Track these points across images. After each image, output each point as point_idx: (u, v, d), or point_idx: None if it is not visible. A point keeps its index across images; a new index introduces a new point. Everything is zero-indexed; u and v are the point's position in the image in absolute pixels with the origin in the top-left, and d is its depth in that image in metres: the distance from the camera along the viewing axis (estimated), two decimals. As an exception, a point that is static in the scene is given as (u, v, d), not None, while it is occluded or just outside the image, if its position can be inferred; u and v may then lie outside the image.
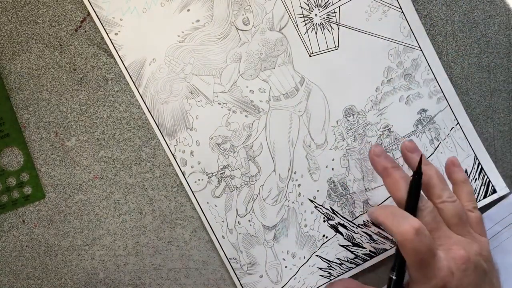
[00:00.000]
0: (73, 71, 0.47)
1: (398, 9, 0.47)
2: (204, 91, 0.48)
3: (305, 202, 0.49)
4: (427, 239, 0.37)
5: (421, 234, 0.37)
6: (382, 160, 0.43)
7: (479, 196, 0.49)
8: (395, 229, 0.38)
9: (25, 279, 0.49)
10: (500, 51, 0.48)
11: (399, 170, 0.42)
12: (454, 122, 0.49)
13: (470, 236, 0.40)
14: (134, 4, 0.46)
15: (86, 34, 0.47)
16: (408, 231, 0.37)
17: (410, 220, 0.37)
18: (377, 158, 0.43)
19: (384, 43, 0.48)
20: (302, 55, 0.47)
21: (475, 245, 0.40)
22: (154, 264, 0.49)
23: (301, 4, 0.47)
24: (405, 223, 0.37)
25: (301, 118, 0.48)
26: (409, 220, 0.37)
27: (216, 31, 0.47)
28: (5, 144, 0.47)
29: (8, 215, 0.48)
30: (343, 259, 0.50)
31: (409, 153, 0.44)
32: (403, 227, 0.37)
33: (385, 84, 0.48)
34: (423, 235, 0.37)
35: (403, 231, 0.37)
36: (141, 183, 0.49)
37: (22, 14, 0.47)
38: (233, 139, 0.48)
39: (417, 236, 0.37)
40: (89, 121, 0.48)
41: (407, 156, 0.44)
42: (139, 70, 0.47)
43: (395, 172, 0.42)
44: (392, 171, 0.42)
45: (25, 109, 0.48)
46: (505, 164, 0.50)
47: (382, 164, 0.43)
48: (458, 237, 0.40)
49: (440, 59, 0.48)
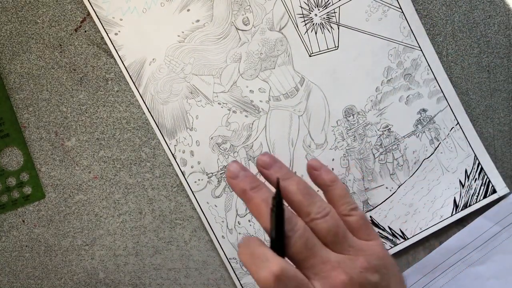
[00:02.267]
0: (73, 71, 0.48)
1: (398, 9, 0.47)
2: (204, 91, 0.48)
3: (305, 202, 0.49)
4: (291, 282, 0.31)
5: (282, 280, 0.31)
6: (240, 181, 0.35)
7: (479, 196, 0.49)
8: (254, 275, 0.32)
9: (25, 279, 0.49)
10: (500, 51, 0.48)
11: (261, 191, 0.35)
12: (454, 122, 0.49)
13: (353, 250, 0.35)
14: (134, 4, 0.46)
15: (86, 34, 0.47)
16: (267, 280, 0.31)
17: (269, 264, 0.31)
18: (233, 180, 0.36)
19: (384, 43, 0.48)
20: (302, 55, 0.47)
21: (359, 260, 0.34)
22: (154, 264, 0.49)
23: (301, 4, 0.47)
24: (264, 269, 0.31)
25: (301, 118, 0.48)
26: (268, 265, 0.31)
27: (216, 31, 0.47)
28: (5, 144, 0.47)
29: (8, 215, 0.48)
30: (343, 259, 0.50)
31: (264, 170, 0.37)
32: (261, 274, 0.31)
33: (385, 84, 0.48)
34: (285, 280, 0.31)
35: (262, 279, 0.31)
36: (141, 183, 0.49)
37: (22, 14, 0.47)
38: (233, 139, 0.48)
39: (278, 284, 0.31)
40: (89, 121, 0.48)
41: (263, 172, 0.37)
42: (139, 70, 0.47)
43: (255, 195, 0.35)
44: (251, 194, 0.35)
45: (25, 109, 0.48)
46: (505, 164, 0.50)
47: (240, 186, 0.35)
48: (338, 257, 0.34)
49: (440, 59, 0.48)
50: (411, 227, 0.49)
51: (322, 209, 0.35)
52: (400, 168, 0.49)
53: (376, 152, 0.49)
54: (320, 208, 0.35)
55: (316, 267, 0.33)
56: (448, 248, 0.49)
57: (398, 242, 0.49)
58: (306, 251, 0.33)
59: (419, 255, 0.50)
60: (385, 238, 0.49)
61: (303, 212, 0.35)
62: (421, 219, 0.49)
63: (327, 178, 0.38)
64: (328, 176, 0.38)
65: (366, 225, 0.37)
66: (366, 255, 0.35)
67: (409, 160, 0.49)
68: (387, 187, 0.49)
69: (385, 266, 0.35)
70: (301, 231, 0.33)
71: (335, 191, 0.38)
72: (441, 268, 0.50)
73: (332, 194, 0.38)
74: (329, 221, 0.34)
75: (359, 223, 0.37)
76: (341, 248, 0.35)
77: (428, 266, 0.50)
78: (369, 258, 0.35)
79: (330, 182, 0.38)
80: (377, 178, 0.49)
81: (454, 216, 0.49)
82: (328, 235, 0.34)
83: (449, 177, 0.49)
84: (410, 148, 0.49)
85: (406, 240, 0.49)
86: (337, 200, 0.37)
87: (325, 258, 0.33)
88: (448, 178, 0.49)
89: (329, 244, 0.34)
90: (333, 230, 0.34)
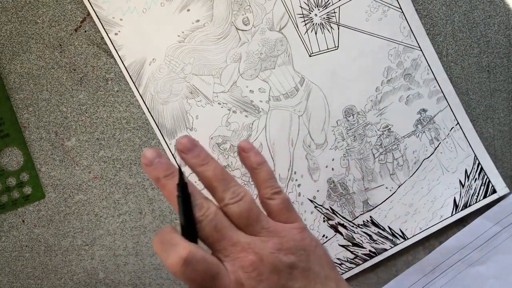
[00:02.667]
0: (73, 71, 0.47)
1: (398, 9, 0.47)
2: (204, 91, 0.48)
3: (305, 202, 0.49)
4: (200, 264, 0.32)
5: (190, 263, 0.32)
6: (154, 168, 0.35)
7: (479, 196, 0.49)
8: (164, 261, 0.33)
9: (25, 279, 0.49)
10: (500, 51, 0.48)
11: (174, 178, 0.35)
12: (454, 122, 0.49)
13: (266, 232, 0.35)
14: (134, 4, 0.46)
15: (86, 34, 0.47)
16: (175, 263, 0.32)
17: (177, 249, 0.32)
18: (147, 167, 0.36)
19: (384, 43, 0.48)
20: (302, 55, 0.47)
21: (272, 241, 0.35)
22: (154, 264, 0.49)
23: (301, 4, 0.47)
24: (172, 254, 0.32)
25: (301, 118, 0.48)
26: (176, 249, 0.32)
27: (216, 31, 0.47)
28: (5, 144, 0.47)
29: (8, 215, 0.48)
30: (343, 259, 0.50)
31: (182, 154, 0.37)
32: (170, 259, 0.32)
33: (385, 84, 0.48)
34: (194, 263, 0.32)
35: (171, 264, 0.32)
36: (141, 183, 0.49)
37: (22, 14, 0.47)
38: (233, 139, 0.48)
39: (187, 267, 0.32)
40: (89, 121, 0.48)
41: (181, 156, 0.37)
42: (139, 70, 0.47)
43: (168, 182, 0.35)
44: (164, 182, 0.35)
45: (25, 109, 0.48)
46: (505, 164, 0.50)
47: (153, 174, 0.35)
48: (249, 238, 0.34)
49: (440, 59, 0.48)
50: (411, 227, 0.49)
51: (236, 194, 0.35)
52: (400, 168, 0.49)
53: (376, 152, 0.49)
54: (234, 194, 0.35)
55: (226, 249, 0.34)
56: (448, 248, 0.49)
57: (398, 242, 0.49)
58: (216, 234, 0.34)
59: (419, 255, 0.50)
60: (385, 238, 0.49)
61: (217, 197, 0.36)
62: (421, 219, 0.49)
63: (254, 161, 0.38)
64: (256, 158, 0.38)
65: (286, 208, 0.37)
66: (280, 236, 0.35)
67: (409, 160, 0.49)
68: (387, 187, 0.49)
69: (303, 248, 0.35)
70: (211, 216, 0.34)
71: (261, 173, 0.38)
72: (441, 268, 0.50)
73: (258, 177, 0.38)
74: (242, 205, 0.35)
75: (279, 206, 0.37)
76: (253, 230, 0.35)
77: (428, 266, 0.50)
78: (283, 240, 0.35)
79: (256, 165, 0.38)
80: (377, 178, 0.49)
81: (454, 216, 0.49)
82: (240, 218, 0.35)
83: (449, 177, 0.49)
84: (410, 148, 0.49)
85: (406, 240, 0.49)
86: (261, 183, 0.38)
87: (235, 239, 0.34)
88: (448, 178, 0.49)
89: (242, 227, 0.35)
90: (245, 214, 0.35)
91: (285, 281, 0.34)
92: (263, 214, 0.36)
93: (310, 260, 0.35)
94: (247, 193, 0.36)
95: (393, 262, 0.50)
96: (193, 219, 0.34)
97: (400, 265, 0.50)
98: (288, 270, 0.34)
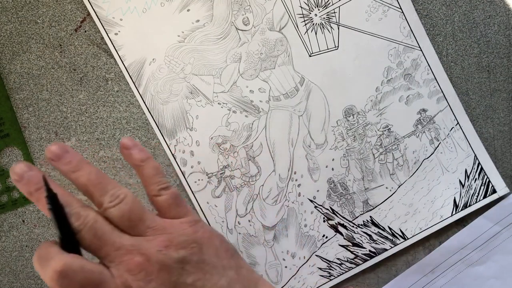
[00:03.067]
0: (73, 71, 0.47)
1: (398, 9, 0.47)
2: (204, 91, 0.48)
3: (305, 202, 0.49)
4: (78, 275, 0.31)
5: (67, 276, 0.30)
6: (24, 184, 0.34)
7: (479, 196, 0.49)
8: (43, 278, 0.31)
9: (25, 279, 0.49)
10: (500, 51, 0.48)
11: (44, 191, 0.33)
12: (454, 122, 0.49)
13: (152, 230, 0.34)
14: (134, 4, 0.46)
15: (86, 34, 0.47)
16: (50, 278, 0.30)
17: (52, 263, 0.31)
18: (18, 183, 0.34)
19: (384, 43, 0.48)
20: (302, 55, 0.47)
21: (158, 239, 0.33)
22: (154, 264, 0.49)
23: (301, 4, 0.47)
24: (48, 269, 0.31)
25: (301, 118, 0.48)
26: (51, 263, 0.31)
27: (216, 31, 0.47)
28: (5, 144, 0.47)
29: (8, 215, 0.48)
30: (343, 259, 0.50)
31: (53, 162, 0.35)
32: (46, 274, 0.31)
33: (385, 84, 0.48)
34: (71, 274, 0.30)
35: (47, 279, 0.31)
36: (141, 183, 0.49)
37: (22, 14, 0.47)
38: (233, 139, 0.48)
39: (63, 280, 0.30)
40: (89, 121, 0.48)
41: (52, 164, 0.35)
42: (139, 70, 0.47)
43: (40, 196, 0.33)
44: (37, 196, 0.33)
45: (25, 109, 0.48)
46: (505, 164, 0.50)
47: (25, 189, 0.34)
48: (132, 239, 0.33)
49: (440, 59, 0.48)
50: (411, 227, 0.49)
51: (115, 197, 0.34)
52: (400, 168, 0.49)
53: (376, 152, 0.49)
54: (113, 197, 0.34)
55: (110, 255, 0.33)
56: (448, 248, 0.49)
57: (398, 242, 0.49)
58: (97, 241, 0.33)
59: (419, 255, 0.50)
60: (385, 238, 0.49)
61: (96, 202, 0.34)
62: (421, 219, 0.49)
63: (138, 157, 0.37)
64: (139, 155, 0.37)
65: (176, 203, 0.36)
66: (167, 233, 0.34)
67: (409, 160, 0.49)
68: (387, 187, 0.49)
69: (195, 241, 0.34)
70: (90, 223, 0.33)
71: (145, 170, 0.37)
72: (441, 268, 0.50)
73: (143, 174, 0.37)
74: (122, 207, 0.34)
75: (168, 202, 0.36)
76: (138, 231, 0.34)
77: (428, 266, 0.50)
78: (170, 236, 0.34)
79: (140, 162, 0.37)
80: (377, 178, 0.49)
81: (454, 216, 0.49)
82: (121, 221, 0.34)
83: (449, 177, 0.49)
84: (410, 148, 0.49)
85: (406, 240, 0.49)
86: (147, 180, 0.37)
87: (118, 244, 0.33)
88: (448, 178, 0.49)
89: (125, 230, 0.34)
90: (126, 216, 0.34)
91: (176, 277, 0.33)
92: (148, 213, 0.35)
93: (203, 252, 0.35)
94: (127, 194, 0.34)
95: (393, 262, 0.50)
96: (71, 229, 0.32)
97: (400, 265, 0.50)
98: (179, 265, 0.33)
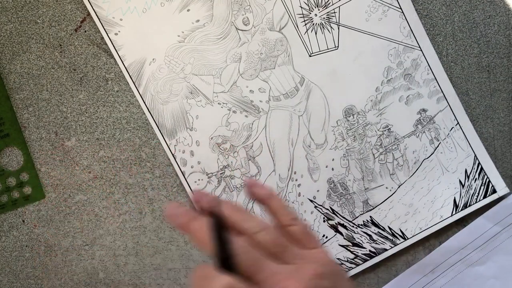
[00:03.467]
0: (73, 71, 0.48)
1: (398, 9, 0.47)
2: (204, 91, 0.48)
3: (305, 202, 0.49)
4: None
5: None
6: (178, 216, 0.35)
7: (479, 196, 0.49)
8: None
9: (25, 279, 0.49)
10: (500, 51, 0.48)
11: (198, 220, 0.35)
12: (454, 122, 0.49)
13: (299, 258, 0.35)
14: (134, 4, 0.46)
15: (86, 34, 0.47)
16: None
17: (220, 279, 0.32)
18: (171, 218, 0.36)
19: (384, 43, 0.48)
20: (302, 55, 0.47)
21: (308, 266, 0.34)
22: (154, 264, 0.49)
23: (301, 4, 0.47)
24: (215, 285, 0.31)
25: (301, 118, 0.48)
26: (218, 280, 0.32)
27: (216, 31, 0.47)
28: (5, 144, 0.47)
29: (8, 215, 0.48)
30: (343, 259, 0.50)
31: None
32: None
33: (385, 84, 0.48)
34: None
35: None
36: (141, 183, 0.49)
37: (22, 14, 0.47)
38: (233, 139, 0.48)
39: None
40: (89, 121, 0.48)
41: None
42: (139, 70, 0.47)
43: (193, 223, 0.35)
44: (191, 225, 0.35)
45: (25, 109, 0.48)
46: (505, 164, 0.50)
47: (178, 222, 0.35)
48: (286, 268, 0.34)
49: (440, 59, 0.48)
50: (411, 227, 0.49)
51: (259, 223, 0.35)
52: (400, 168, 0.49)
53: (376, 152, 0.49)
54: (258, 222, 0.35)
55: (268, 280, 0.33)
56: (448, 248, 0.49)
57: (398, 242, 0.49)
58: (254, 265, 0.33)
59: (419, 255, 0.50)
60: (385, 238, 0.49)
61: (242, 229, 0.35)
62: (421, 219, 0.49)
63: (265, 192, 0.38)
64: (266, 190, 0.39)
65: (309, 234, 0.37)
66: (312, 263, 0.35)
67: (409, 160, 0.49)
68: (387, 187, 0.49)
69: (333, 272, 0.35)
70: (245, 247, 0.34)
71: (275, 202, 0.38)
72: (441, 268, 0.50)
73: (272, 206, 0.38)
74: (271, 232, 0.35)
75: (302, 231, 0.37)
76: (287, 257, 0.35)
77: (428, 266, 0.50)
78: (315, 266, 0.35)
79: (269, 195, 0.38)
80: (377, 178, 0.49)
81: (454, 216, 0.49)
82: (272, 246, 0.35)
83: (449, 177, 0.49)
84: (410, 148, 0.49)
85: (406, 240, 0.49)
86: (278, 211, 0.38)
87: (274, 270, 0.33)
88: (448, 178, 0.49)
89: (274, 256, 0.34)
90: (276, 241, 0.35)
91: None
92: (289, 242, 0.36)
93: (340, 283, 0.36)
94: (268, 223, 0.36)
95: (393, 262, 0.50)
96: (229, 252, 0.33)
97: (400, 265, 0.50)
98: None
